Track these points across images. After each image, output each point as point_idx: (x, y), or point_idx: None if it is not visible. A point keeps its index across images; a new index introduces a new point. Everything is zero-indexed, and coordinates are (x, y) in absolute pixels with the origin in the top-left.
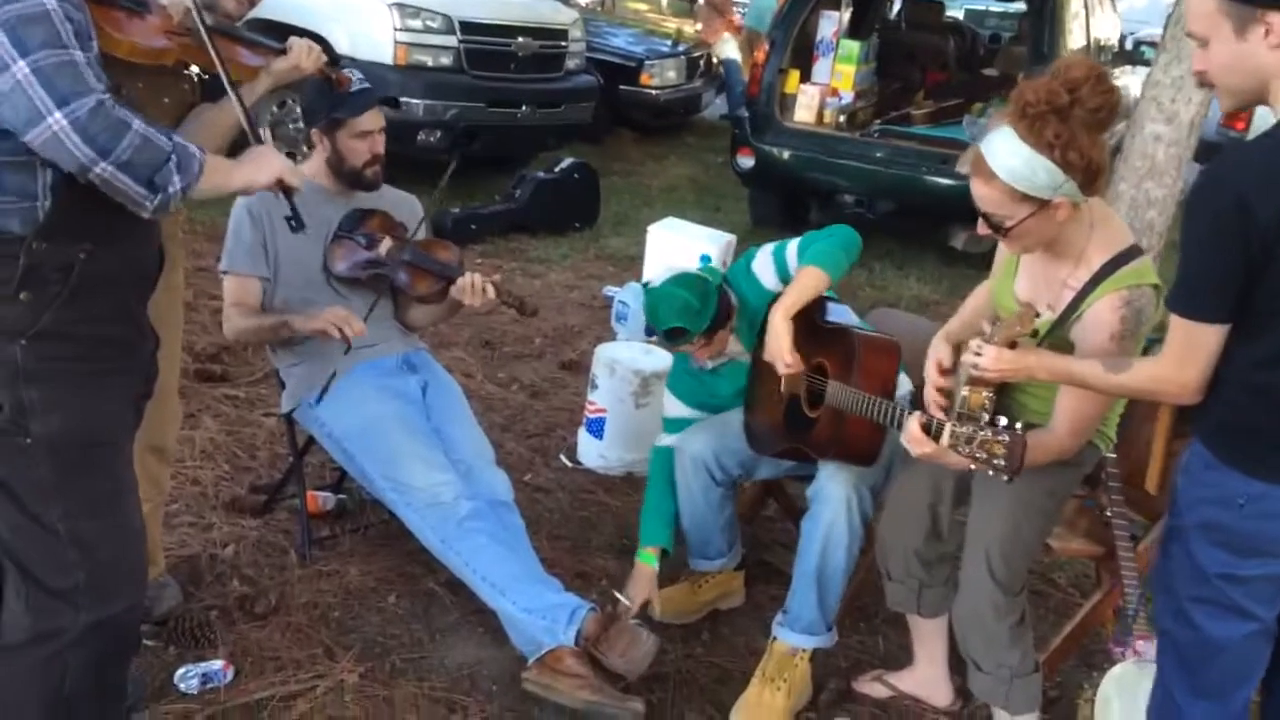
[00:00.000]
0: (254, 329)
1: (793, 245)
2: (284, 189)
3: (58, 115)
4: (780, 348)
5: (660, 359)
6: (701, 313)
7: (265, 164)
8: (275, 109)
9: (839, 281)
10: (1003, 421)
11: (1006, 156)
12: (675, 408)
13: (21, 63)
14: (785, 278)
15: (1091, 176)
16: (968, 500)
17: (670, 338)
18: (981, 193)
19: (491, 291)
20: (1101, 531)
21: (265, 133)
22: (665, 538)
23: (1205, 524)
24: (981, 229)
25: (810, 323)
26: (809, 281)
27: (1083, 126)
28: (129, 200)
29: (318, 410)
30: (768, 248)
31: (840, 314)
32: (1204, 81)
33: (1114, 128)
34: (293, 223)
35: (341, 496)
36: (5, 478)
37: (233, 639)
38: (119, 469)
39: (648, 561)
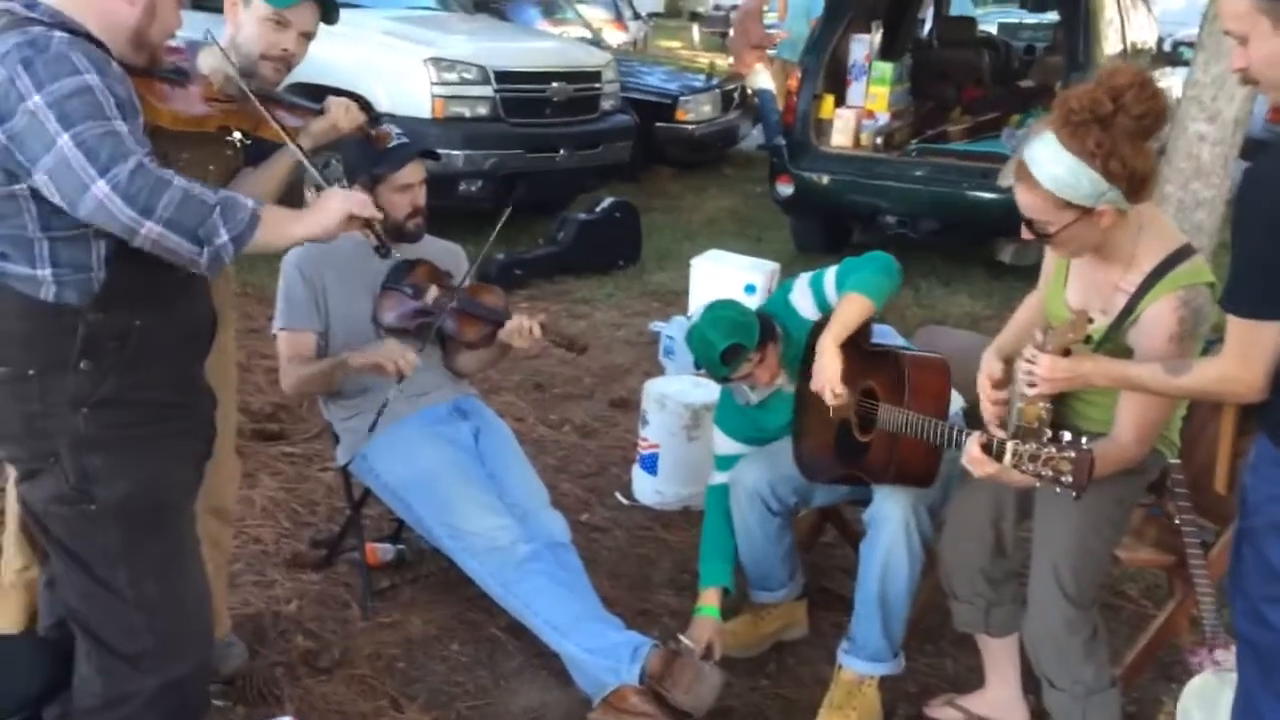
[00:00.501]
0: (312, 376)
1: (830, 274)
2: (363, 224)
3: (101, 183)
4: (829, 378)
5: (709, 391)
6: (750, 325)
7: (330, 208)
8: (321, 168)
9: (883, 307)
10: (1066, 436)
11: (1049, 164)
12: (725, 444)
13: (66, 136)
14: (824, 307)
15: (1136, 185)
16: (1031, 514)
17: (726, 361)
18: (1025, 200)
19: (539, 332)
20: (1171, 539)
21: (310, 194)
22: (726, 576)
23: (1274, 520)
24: (1025, 234)
25: (856, 347)
26: (854, 309)
27: (1126, 135)
28: (182, 259)
29: (372, 461)
30: (804, 278)
31: (884, 335)
32: (1247, 79)
33: (1160, 133)
34: (381, 252)
35: (400, 547)
36: (72, 546)
37: (299, 694)
38: (183, 531)
39: (709, 613)
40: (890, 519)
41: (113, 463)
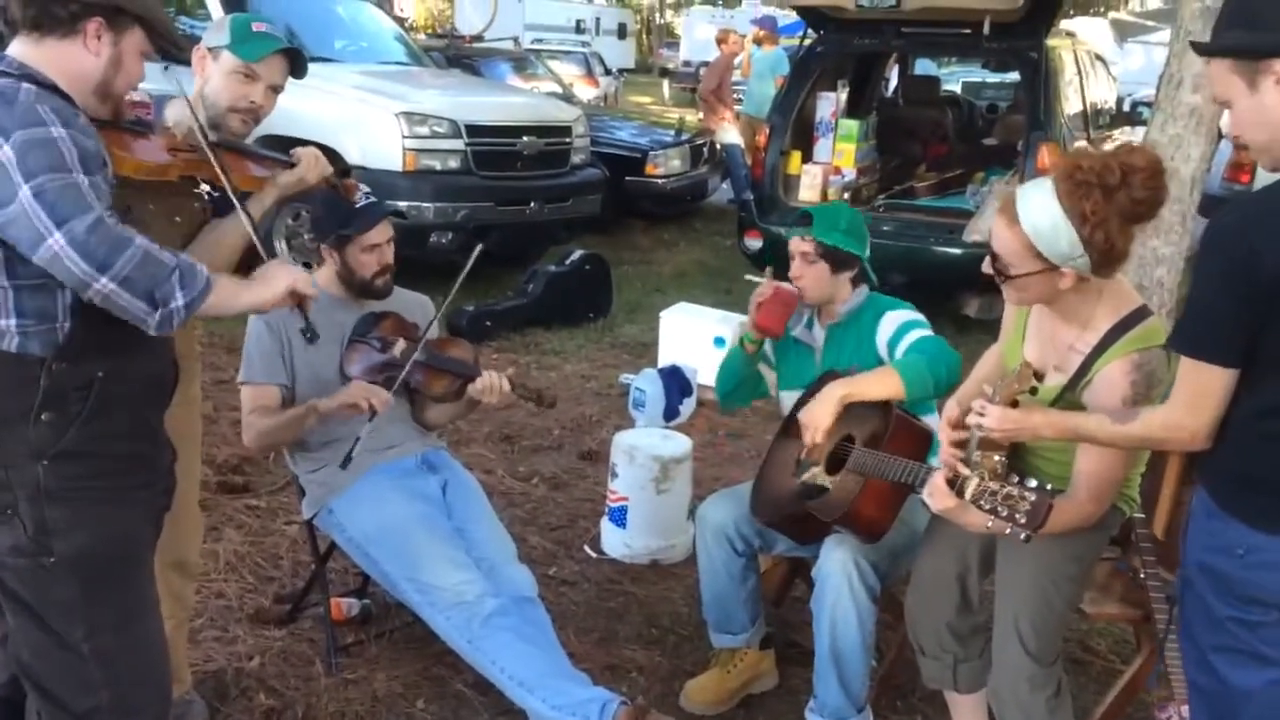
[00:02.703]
0: (278, 425)
1: (912, 335)
2: (297, 301)
3: (57, 235)
4: (819, 423)
5: (679, 444)
6: (838, 232)
7: (275, 280)
8: (290, 220)
9: (910, 401)
10: (1033, 482)
11: (1037, 211)
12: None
13: (25, 188)
14: (890, 353)
15: (1108, 260)
16: (994, 569)
17: (801, 219)
18: (1001, 234)
19: (508, 387)
20: (1137, 594)
21: (280, 245)
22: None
23: (1208, 570)
24: (987, 267)
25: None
26: (884, 386)
27: (1120, 212)
28: (131, 318)
29: (338, 515)
30: (906, 316)
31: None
32: (1238, 145)
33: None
34: (307, 334)
35: (366, 601)
36: (28, 599)
37: None
38: (141, 584)
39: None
40: (833, 573)
41: (71, 515)
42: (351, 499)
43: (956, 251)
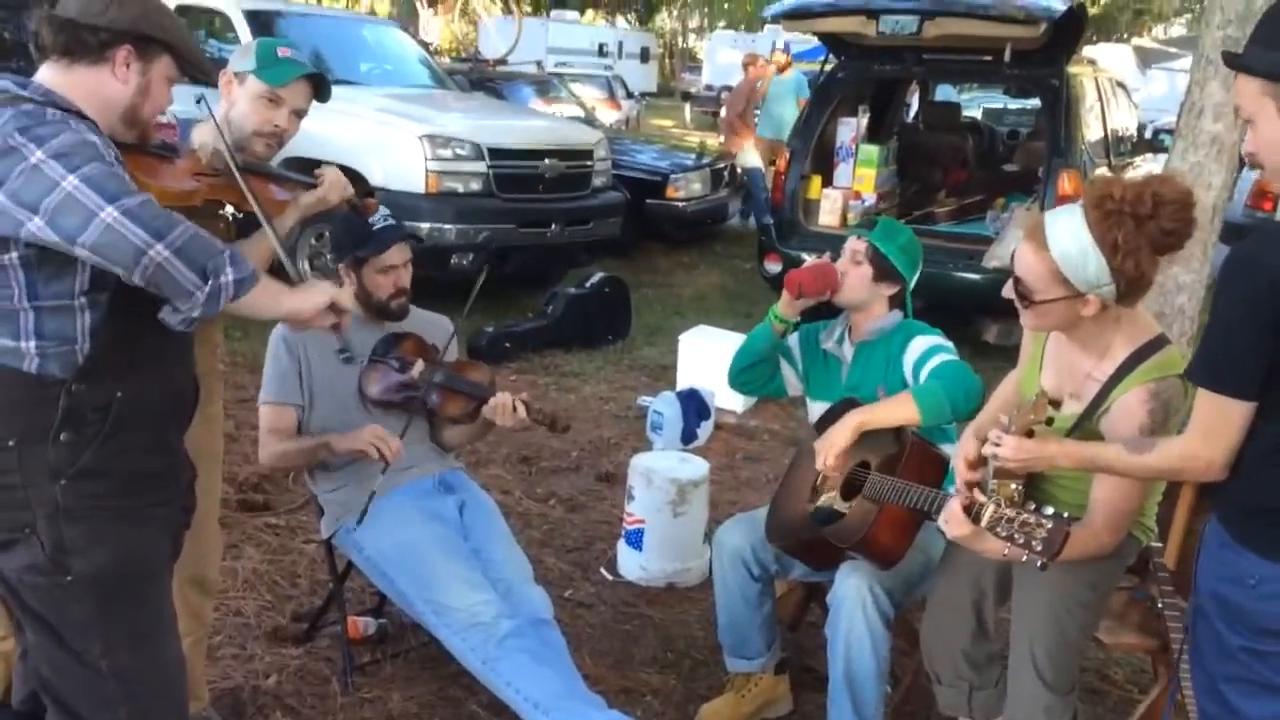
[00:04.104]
0: (292, 452)
1: (936, 360)
2: (336, 317)
3: (110, 209)
4: (833, 449)
5: (696, 467)
6: (894, 246)
7: (317, 292)
8: (314, 240)
9: (927, 426)
10: (1050, 510)
11: (1066, 237)
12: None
13: (71, 177)
14: (915, 376)
15: (1133, 289)
16: (1009, 597)
17: (867, 222)
18: (1027, 259)
19: (522, 411)
20: (1154, 624)
21: (304, 265)
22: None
23: (1220, 600)
24: (1008, 291)
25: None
26: (899, 413)
27: (1150, 241)
28: (178, 292)
29: (356, 534)
30: (933, 341)
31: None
32: (1254, 163)
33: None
34: (344, 355)
35: (382, 621)
36: (46, 616)
37: None
38: (159, 602)
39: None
40: (848, 599)
41: (89, 534)
42: (370, 519)
43: (976, 277)
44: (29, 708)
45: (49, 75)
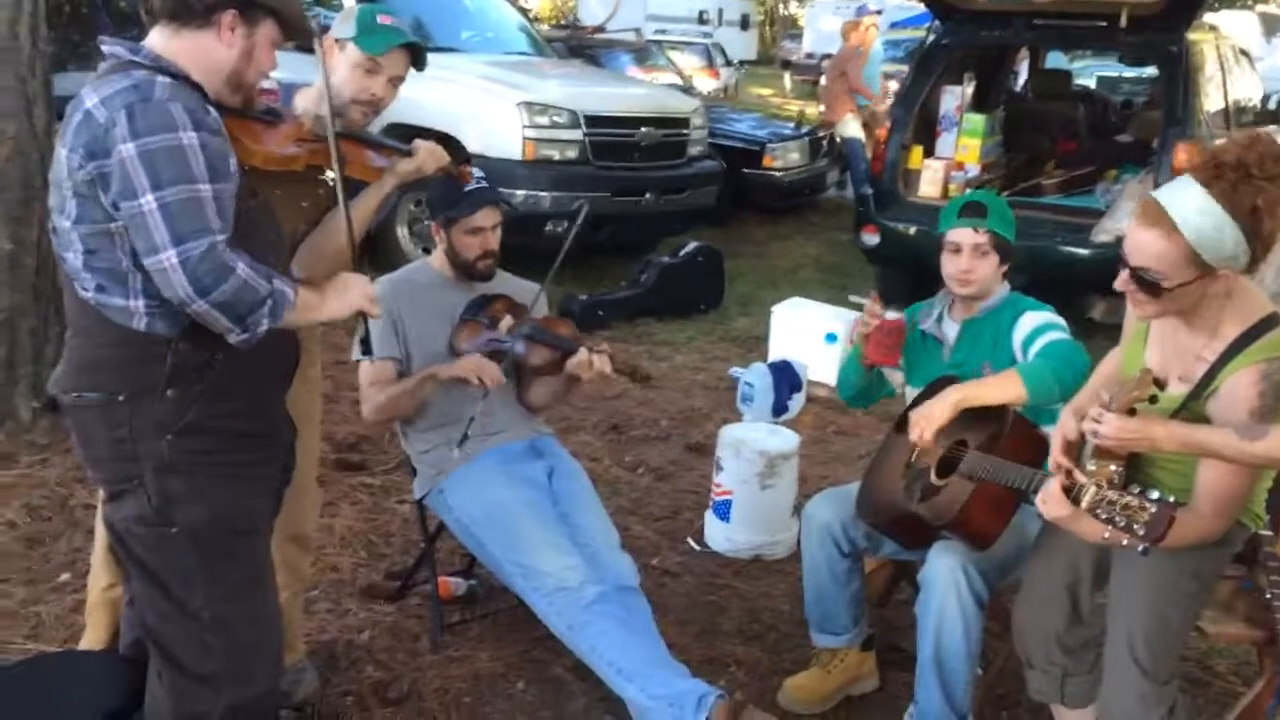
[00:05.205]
0: (395, 395)
1: (1047, 337)
2: (363, 317)
3: (171, 253)
4: (930, 423)
5: (786, 439)
6: (1008, 224)
7: (350, 292)
8: (413, 206)
9: (1034, 404)
10: (1154, 493)
11: (1195, 214)
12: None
13: (150, 196)
14: (1024, 353)
15: (1261, 254)
16: (1108, 582)
17: (972, 209)
18: (1155, 247)
19: (606, 366)
20: (1262, 614)
21: (403, 230)
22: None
23: None
24: (1123, 283)
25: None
26: (1004, 390)
27: (1275, 201)
28: (215, 329)
29: (447, 496)
30: (1044, 318)
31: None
32: None
33: None
34: (364, 346)
35: (472, 582)
36: (151, 565)
37: None
38: (257, 556)
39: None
40: (940, 578)
41: (192, 488)
42: (460, 481)
43: (1084, 252)
44: (134, 653)
45: (158, 40)
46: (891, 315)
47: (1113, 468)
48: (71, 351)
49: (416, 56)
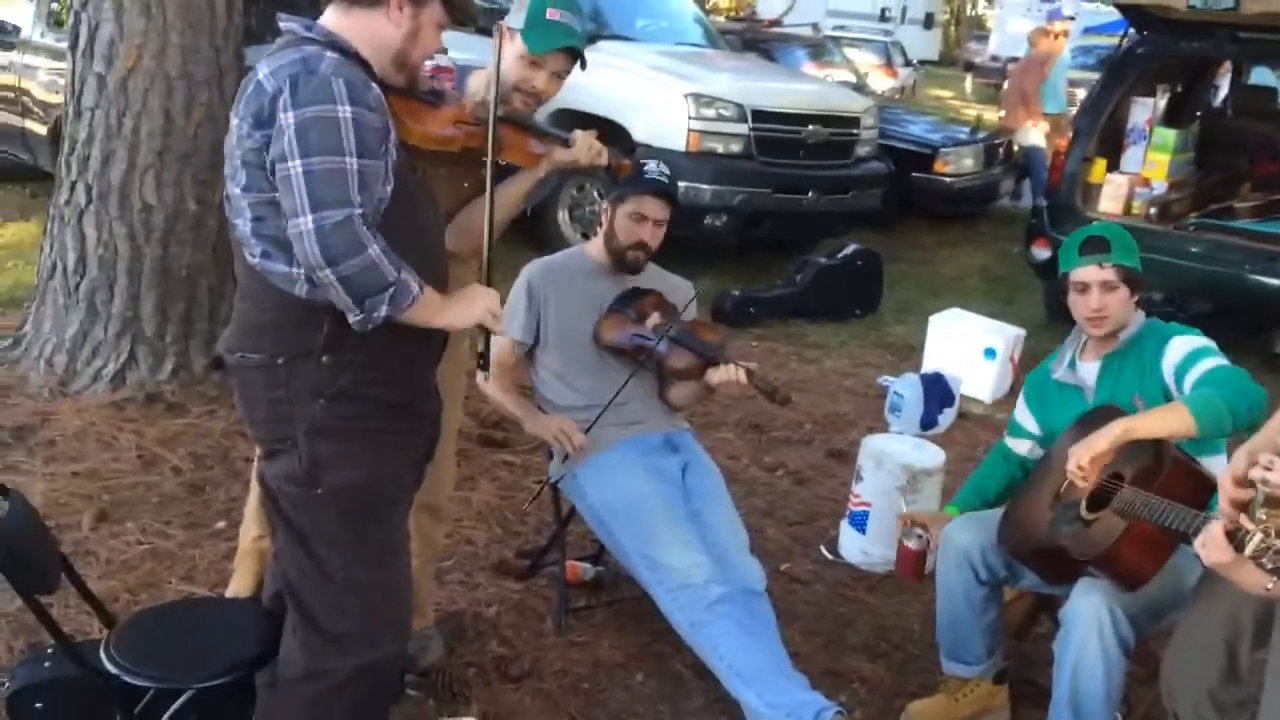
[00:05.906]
0: (498, 400)
1: (1205, 364)
2: (484, 332)
3: (309, 218)
4: (1090, 455)
5: (930, 455)
6: (1134, 254)
7: (474, 304)
8: (575, 192)
9: (1203, 437)
10: None
11: None
12: (1022, 412)
13: (299, 161)
14: (1177, 381)
15: None
16: (1270, 639)
17: (1093, 245)
18: None
19: (745, 379)
20: None
21: (563, 214)
22: (969, 503)
23: None
24: None
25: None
26: (1169, 423)
27: None
28: (337, 304)
29: (581, 481)
30: (1197, 343)
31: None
32: None
33: None
34: (481, 361)
35: (600, 569)
36: (298, 523)
37: (487, 698)
38: (395, 524)
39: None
40: (1083, 616)
41: (341, 452)
42: (595, 468)
43: (1275, 282)
44: (275, 605)
45: (331, 17)
46: (911, 544)
47: None
48: (238, 314)
49: (576, 57)
